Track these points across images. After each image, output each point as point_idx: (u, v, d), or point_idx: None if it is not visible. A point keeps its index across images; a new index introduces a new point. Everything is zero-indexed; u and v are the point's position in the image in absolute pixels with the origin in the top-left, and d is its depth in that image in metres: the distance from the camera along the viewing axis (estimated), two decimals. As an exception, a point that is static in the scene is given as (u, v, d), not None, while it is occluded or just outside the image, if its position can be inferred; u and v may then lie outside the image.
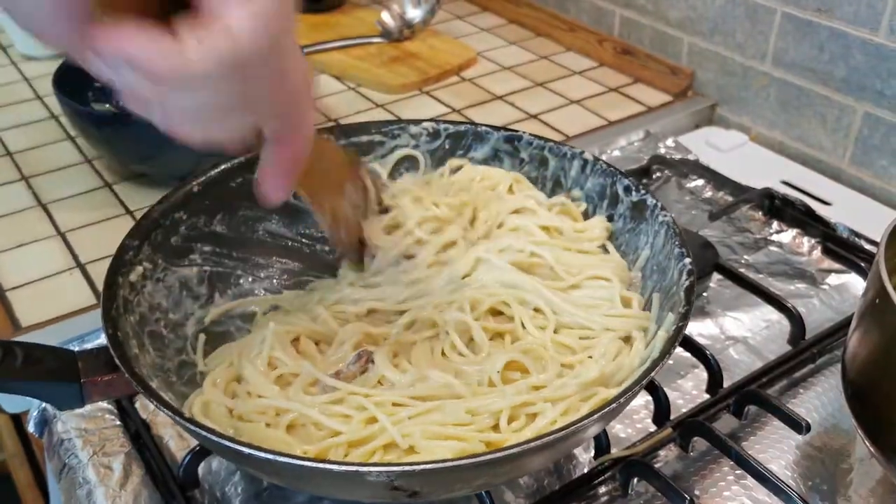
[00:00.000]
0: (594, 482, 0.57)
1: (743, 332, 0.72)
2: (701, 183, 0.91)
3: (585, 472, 0.58)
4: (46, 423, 0.64)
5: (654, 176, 0.91)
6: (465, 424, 0.51)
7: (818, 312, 0.73)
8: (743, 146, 1.00)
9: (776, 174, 0.93)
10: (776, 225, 0.84)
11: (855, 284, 0.76)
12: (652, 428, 0.61)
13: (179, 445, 0.61)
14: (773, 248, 0.81)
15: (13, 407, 0.67)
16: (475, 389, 0.55)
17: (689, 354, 0.65)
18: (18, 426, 0.96)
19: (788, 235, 0.83)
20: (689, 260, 0.57)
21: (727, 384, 0.63)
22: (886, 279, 0.49)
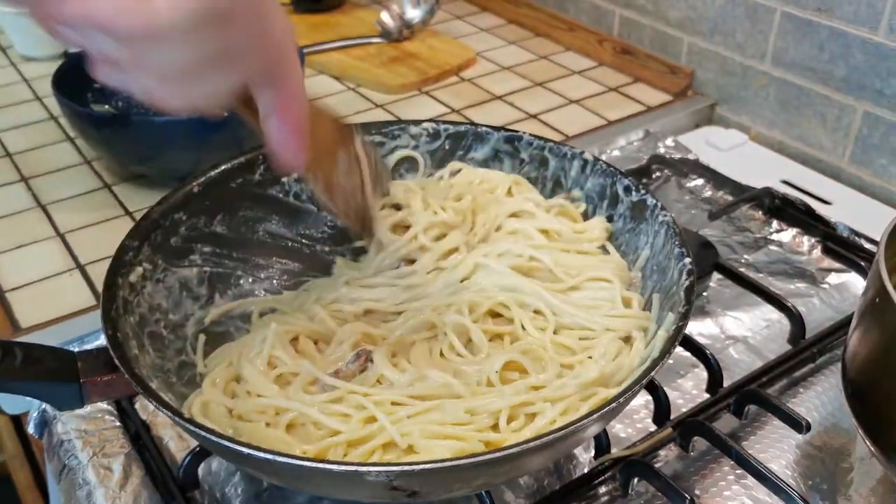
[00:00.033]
0: (594, 482, 0.57)
1: (743, 331, 0.71)
2: (701, 182, 0.91)
3: (585, 472, 0.58)
4: (46, 424, 0.64)
5: (653, 176, 0.91)
6: (464, 424, 0.51)
7: (818, 312, 0.73)
8: (743, 145, 1.00)
9: (776, 173, 0.93)
10: (776, 224, 0.84)
11: (855, 284, 0.76)
12: (652, 428, 0.61)
13: (179, 446, 0.61)
14: (773, 247, 0.81)
15: (13, 408, 0.67)
16: (474, 389, 0.55)
17: (689, 354, 0.65)
18: (18, 427, 0.96)
19: (788, 235, 0.83)
20: (689, 260, 0.57)
21: (727, 384, 0.63)
22: (886, 278, 0.49)
